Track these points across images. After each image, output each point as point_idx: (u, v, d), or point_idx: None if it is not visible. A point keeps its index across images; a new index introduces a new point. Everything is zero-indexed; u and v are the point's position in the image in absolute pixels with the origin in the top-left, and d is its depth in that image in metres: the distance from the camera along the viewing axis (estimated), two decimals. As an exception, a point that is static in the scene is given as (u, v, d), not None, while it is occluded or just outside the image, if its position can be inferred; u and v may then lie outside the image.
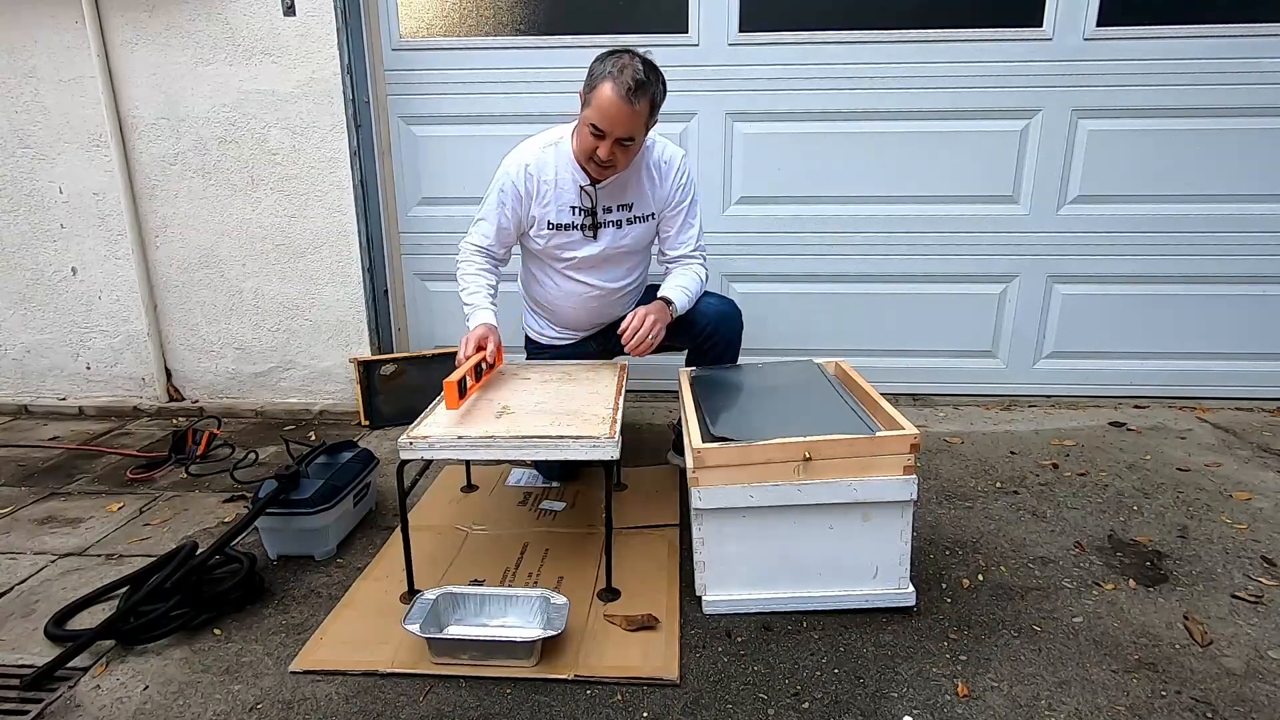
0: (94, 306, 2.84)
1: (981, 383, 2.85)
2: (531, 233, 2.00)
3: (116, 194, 2.69)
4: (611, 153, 1.78)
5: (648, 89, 1.74)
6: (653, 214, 2.01)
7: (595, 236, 1.97)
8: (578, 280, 2.04)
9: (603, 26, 2.60)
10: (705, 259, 2.09)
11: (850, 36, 2.56)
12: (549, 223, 1.96)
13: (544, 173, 1.93)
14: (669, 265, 2.07)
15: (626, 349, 1.85)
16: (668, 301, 1.92)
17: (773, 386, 1.87)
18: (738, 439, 1.50)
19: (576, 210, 1.94)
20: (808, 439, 1.47)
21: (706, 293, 2.10)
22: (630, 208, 1.98)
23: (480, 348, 1.83)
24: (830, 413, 1.65)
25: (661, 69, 1.81)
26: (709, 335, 2.04)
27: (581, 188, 1.92)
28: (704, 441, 1.51)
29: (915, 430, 1.48)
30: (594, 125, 1.76)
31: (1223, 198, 2.61)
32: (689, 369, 2.00)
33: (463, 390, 1.67)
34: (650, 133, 1.97)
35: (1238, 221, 2.62)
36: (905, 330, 2.80)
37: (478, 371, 1.79)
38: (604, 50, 1.80)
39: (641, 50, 1.80)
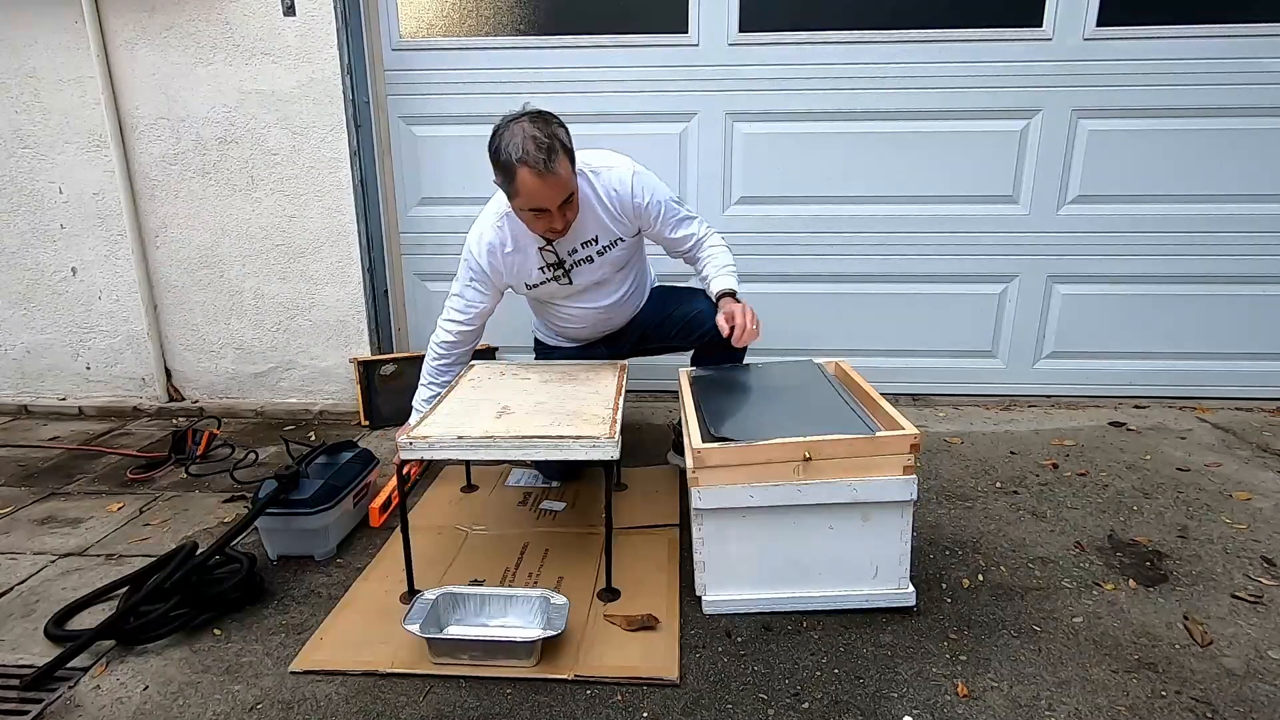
0: (94, 306, 2.84)
1: (981, 383, 2.85)
2: (517, 290, 2.04)
3: (116, 194, 2.69)
4: (563, 218, 1.76)
5: (555, 147, 1.66)
6: (620, 237, 1.95)
7: (570, 281, 1.97)
8: (577, 306, 2.05)
9: (602, 26, 2.60)
10: (712, 229, 2.05)
11: (850, 36, 2.56)
12: (525, 284, 1.99)
13: (505, 246, 1.91)
14: (691, 255, 2.04)
15: (738, 343, 1.83)
16: (731, 294, 1.91)
17: (773, 386, 1.87)
18: (738, 439, 1.50)
19: (545, 269, 1.95)
20: (808, 439, 1.47)
21: None
22: (595, 241, 1.93)
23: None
24: (830, 413, 1.65)
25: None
26: (716, 334, 2.03)
27: (540, 249, 1.92)
28: (704, 441, 1.51)
29: (915, 430, 1.48)
30: (533, 209, 1.73)
31: (1222, 198, 2.61)
32: (689, 369, 2.00)
33: (387, 508, 1.98)
34: (585, 157, 1.88)
35: (1238, 221, 2.62)
36: (905, 330, 2.80)
37: (402, 486, 1.69)
38: (491, 131, 1.73)
39: (531, 113, 1.72)
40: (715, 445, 1.49)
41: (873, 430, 1.51)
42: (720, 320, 1.85)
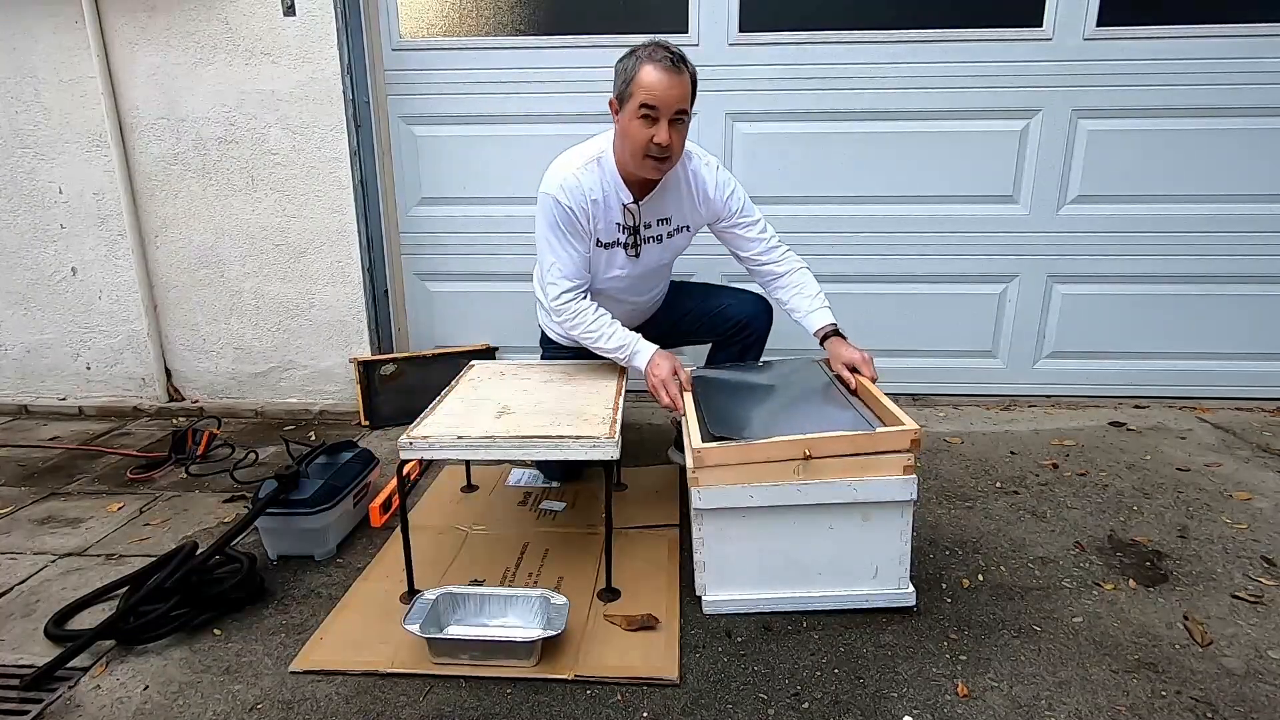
0: (94, 306, 2.84)
1: (981, 383, 2.85)
2: None
3: (116, 194, 2.69)
4: (669, 135, 1.70)
5: (686, 61, 1.71)
6: (688, 226, 1.96)
7: (638, 255, 1.92)
8: (610, 298, 1.98)
9: (603, 26, 2.60)
10: (787, 246, 2.02)
11: (850, 36, 2.56)
12: (597, 240, 1.89)
13: (592, 192, 1.83)
14: (760, 265, 1.99)
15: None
16: (835, 330, 1.89)
17: (773, 385, 1.87)
18: (737, 438, 1.50)
19: (621, 228, 1.88)
20: (807, 436, 1.47)
21: (740, 290, 2.11)
22: (669, 221, 1.93)
23: (676, 380, 1.77)
24: (830, 410, 1.65)
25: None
26: (741, 328, 2.04)
27: (625, 206, 1.86)
28: (704, 441, 1.51)
29: (915, 425, 1.48)
30: (645, 105, 1.67)
31: (1223, 198, 2.61)
32: (690, 367, 2.00)
33: (387, 508, 1.96)
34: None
35: (1238, 221, 2.62)
36: (905, 330, 2.80)
37: (402, 486, 1.70)
38: (622, 53, 1.76)
39: None
40: (715, 445, 1.49)
41: (873, 426, 1.51)
42: (844, 373, 1.80)
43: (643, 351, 1.84)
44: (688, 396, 1.79)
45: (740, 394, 1.85)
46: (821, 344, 1.91)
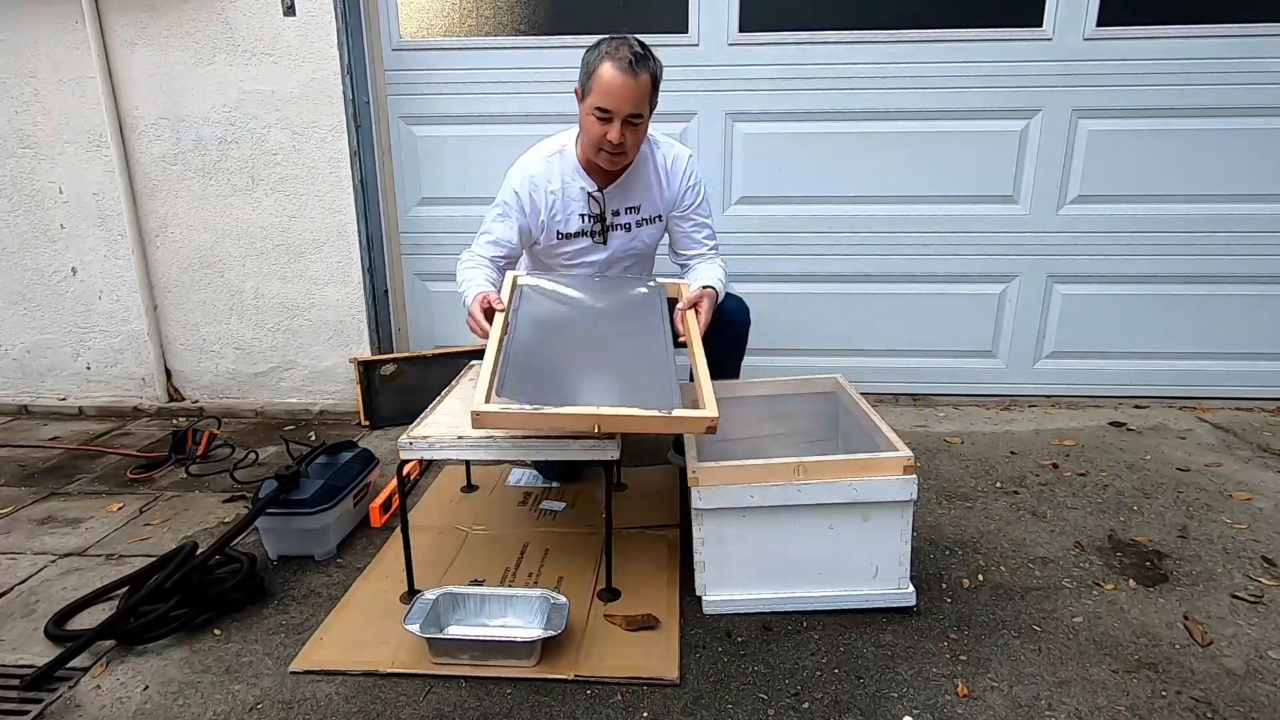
0: (94, 306, 2.84)
1: (981, 383, 2.85)
2: (542, 240, 1.96)
3: (116, 194, 2.69)
4: (621, 134, 1.73)
5: (647, 61, 1.72)
6: (660, 215, 1.98)
7: (605, 242, 1.95)
8: None
9: (603, 26, 2.58)
10: (720, 256, 2.04)
11: (850, 36, 2.56)
12: (559, 233, 1.93)
13: (550, 183, 1.89)
14: (687, 263, 2.02)
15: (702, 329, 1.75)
16: (710, 288, 1.88)
17: (596, 323, 1.74)
18: (529, 402, 1.39)
19: (586, 218, 1.92)
20: (599, 411, 1.39)
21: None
22: (638, 210, 1.95)
23: (492, 307, 1.70)
24: (644, 371, 1.53)
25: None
26: (729, 323, 1.97)
27: (589, 194, 1.90)
28: (486, 402, 1.40)
29: (714, 414, 1.41)
30: (599, 108, 1.72)
31: (1223, 198, 2.61)
32: (517, 272, 1.87)
33: (387, 508, 1.98)
34: (655, 133, 1.95)
35: (1237, 221, 2.62)
36: (905, 330, 2.80)
37: (402, 486, 1.69)
38: (593, 42, 1.77)
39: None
40: (497, 409, 1.38)
41: (672, 406, 1.42)
42: (685, 300, 1.79)
43: (468, 294, 1.76)
44: (497, 321, 1.64)
45: (554, 333, 1.70)
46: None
